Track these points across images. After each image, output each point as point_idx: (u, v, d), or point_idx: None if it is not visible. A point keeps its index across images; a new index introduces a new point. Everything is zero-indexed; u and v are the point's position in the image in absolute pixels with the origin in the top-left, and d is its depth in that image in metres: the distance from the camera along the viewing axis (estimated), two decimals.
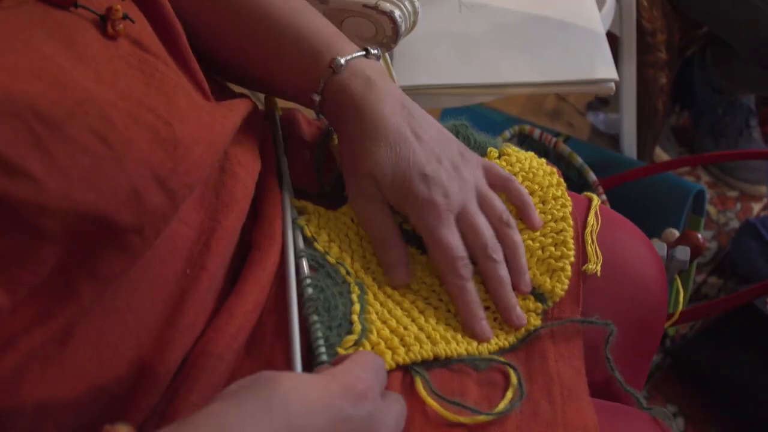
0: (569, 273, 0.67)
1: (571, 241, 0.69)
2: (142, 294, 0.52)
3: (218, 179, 0.60)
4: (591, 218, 0.73)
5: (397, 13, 0.81)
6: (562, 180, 0.74)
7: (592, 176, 1.23)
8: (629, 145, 1.55)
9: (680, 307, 1.08)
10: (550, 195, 0.72)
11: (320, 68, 0.65)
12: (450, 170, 0.65)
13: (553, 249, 0.68)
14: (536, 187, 0.72)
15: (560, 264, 0.68)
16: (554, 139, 1.30)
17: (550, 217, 0.70)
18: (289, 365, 0.57)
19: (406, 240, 0.67)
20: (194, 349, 0.54)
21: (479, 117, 1.65)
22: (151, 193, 0.49)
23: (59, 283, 0.46)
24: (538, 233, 0.69)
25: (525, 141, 1.36)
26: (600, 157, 1.43)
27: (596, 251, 0.71)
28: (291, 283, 0.61)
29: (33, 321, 0.45)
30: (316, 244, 0.65)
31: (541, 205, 0.71)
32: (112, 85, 0.49)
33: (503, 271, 0.66)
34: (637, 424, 0.63)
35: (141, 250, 0.49)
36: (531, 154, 0.77)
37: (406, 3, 0.82)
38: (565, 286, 0.67)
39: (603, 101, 1.99)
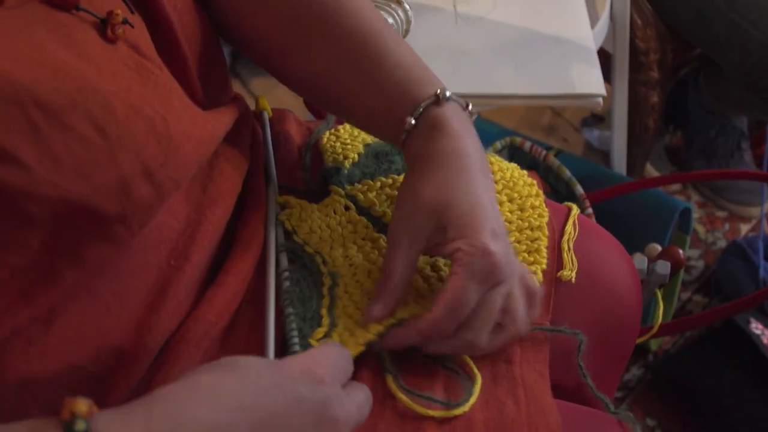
0: (541, 278, 0.69)
1: (545, 250, 0.71)
2: (126, 281, 0.54)
3: (206, 175, 0.62)
4: (569, 227, 0.75)
5: (389, 21, 0.83)
6: (540, 192, 0.76)
7: (579, 189, 1.26)
8: (619, 162, 1.57)
9: (659, 320, 1.10)
10: (528, 204, 0.74)
11: (422, 95, 0.64)
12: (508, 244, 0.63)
13: (526, 255, 0.71)
14: (515, 195, 0.75)
15: (533, 268, 0.70)
16: (544, 152, 1.32)
17: (526, 224, 0.73)
18: (263, 356, 0.59)
19: (379, 229, 0.70)
20: (174, 336, 0.57)
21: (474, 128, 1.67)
22: (139, 186, 0.50)
23: (44, 266, 0.47)
24: (512, 239, 0.71)
25: (516, 153, 1.38)
26: (589, 171, 1.45)
27: (572, 259, 0.73)
28: (270, 278, 0.63)
29: (17, 301, 0.47)
30: (295, 237, 0.68)
31: (519, 212, 0.73)
32: (112, 81, 0.51)
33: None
34: (600, 425, 0.65)
35: (126, 239, 0.51)
36: (513, 165, 0.80)
37: (399, 12, 0.84)
38: None
39: (598, 118, 2.01)
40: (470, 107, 0.67)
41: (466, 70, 1.08)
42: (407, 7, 0.84)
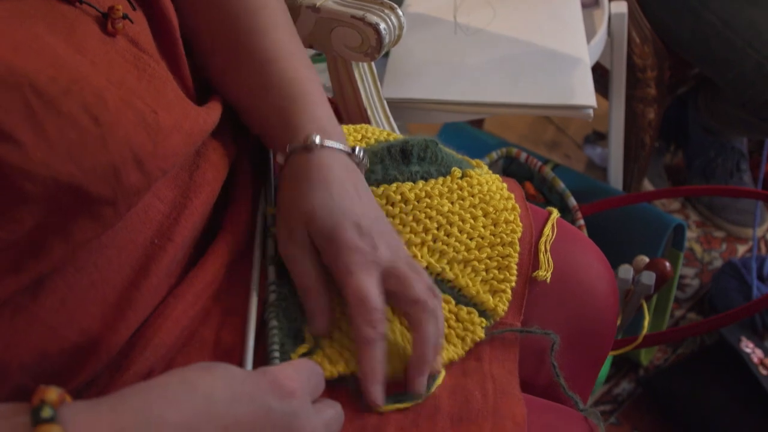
0: (510, 296, 0.71)
1: (515, 267, 0.72)
2: (110, 257, 0.56)
3: (193, 162, 0.65)
4: (547, 229, 0.77)
5: (382, 25, 0.85)
6: (517, 206, 0.77)
7: (572, 201, 1.27)
8: (615, 176, 1.59)
9: (644, 331, 1.11)
10: (502, 219, 0.75)
11: (295, 138, 0.66)
12: (384, 233, 0.65)
13: (496, 272, 0.72)
14: (490, 209, 0.75)
15: (502, 286, 0.71)
16: (539, 164, 1.34)
17: (498, 240, 0.74)
18: (237, 343, 0.62)
19: None
20: (154, 312, 0.59)
21: (473, 138, 1.70)
22: (129, 172, 0.53)
23: (34, 240, 0.50)
24: (484, 255, 0.72)
25: (512, 163, 1.40)
26: (585, 185, 1.47)
27: (548, 260, 0.74)
28: (254, 288, 0.65)
29: (6, 271, 0.49)
30: None
31: (492, 227, 0.74)
32: (107, 74, 0.54)
33: (432, 328, 0.62)
34: (564, 419, 0.67)
35: (113, 220, 0.53)
36: (495, 177, 0.80)
37: (392, 17, 0.86)
38: (506, 307, 0.70)
39: (600, 135, 2.03)
40: (357, 153, 0.68)
41: (461, 79, 1.10)
42: (400, 13, 0.86)
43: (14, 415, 0.42)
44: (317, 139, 0.65)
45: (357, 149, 0.68)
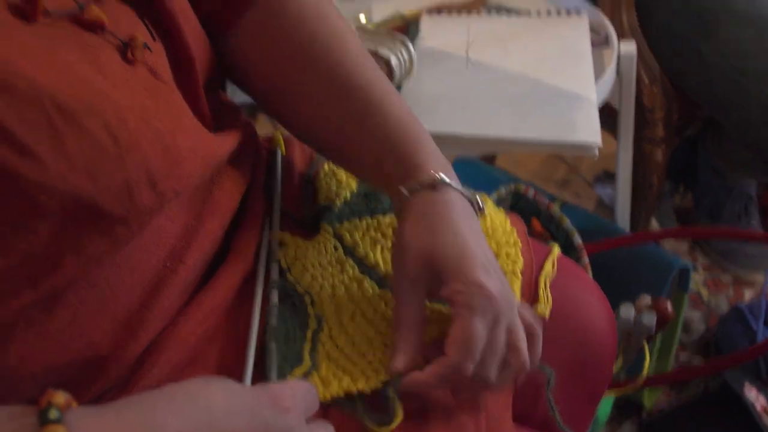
0: None
1: (518, 292, 0.73)
2: (123, 276, 0.57)
3: (208, 188, 0.66)
4: (548, 265, 0.78)
5: (393, 60, 0.87)
6: (519, 240, 0.77)
7: (578, 240, 1.27)
8: (623, 216, 1.59)
9: (645, 372, 1.11)
10: (504, 252, 0.76)
11: (418, 178, 0.66)
12: (503, 279, 0.64)
13: None
14: (493, 245, 0.76)
15: None
16: (547, 201, 1.34)
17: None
18: (238, 362, 0.63)
19: (369, 274, 0.72)
20: (163, 332, 0.61)
21: (484, 173, 1.70)
22: (142, 192, 0.54)
23: (49, 254, 0.51)
24: None
25: (520, 199, 1.40)
26: (592, 223, 1.47)
27: (547, 296, 0.75)
28: (256, 310, 0.67)
29: (23, 284, 0.50)
30: (288, 275, 0.71)
31: None
32: (127, 96, 0.55)
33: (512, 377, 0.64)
34: None
35: (125, 238, 0.55)
36: (499, 211, 0.81)
37: (403, 51, 0.88)
38: None
39: (611, 175, 2.03)
40: (479, 202, 0.69)
41: (470, 113, 1.11)
42: (411, 48, 0.88)
43: (22, 416, 0.43)
44: (445, 178, 0.65)
45: (477, 197, 0.69)
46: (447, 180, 0.65)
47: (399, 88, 1.18)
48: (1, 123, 0.47)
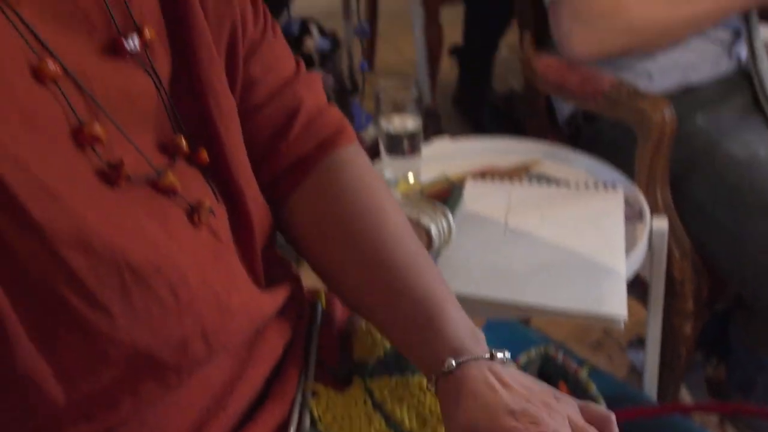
0: None
1: None
2: (171, 416, 0.63)
3: (253, 341, 0.73)
4: None
5: (433, 230, 0.94)
6: None
7: (603, 406, 1.29)
8: (650, 385, 1.60)
9: None
10: None
11: (436, 366, 0.69)
12: (539, 405, 0.66)
13: None
14: None
15: None
16: (575, 366, 1.37)
17: None
18: None
19: (395, 429, 0.75)
20: None
21: (517, 332, 1.73)
22: (196, 345, 0.61)
23: (107, 394, 0.57)
24: None
25: (548, 362, 1.43)
26: (620, 391, 1.48)
27: None
28: None
29: (80, 418, 0.56)
30: (319, 424, 0.75)
31: None
32: (191, 258, 0.63)
33: None
34: None
35: (176, 384, 0.61)
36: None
37: (443, 221, 0.95)
38: None
39: (644, 341, 2.04)
40: (499, 356, 0.71)
41: (504, 278, 1.17)
42: (451, 219, 0.95)
43: None
44: (453, 363, 0.68)
45: (500, 355, 0.71)
46: (454, 364, 0.68)
47: (437, 254, 1.25)
48: (77, 276, 0.53)
